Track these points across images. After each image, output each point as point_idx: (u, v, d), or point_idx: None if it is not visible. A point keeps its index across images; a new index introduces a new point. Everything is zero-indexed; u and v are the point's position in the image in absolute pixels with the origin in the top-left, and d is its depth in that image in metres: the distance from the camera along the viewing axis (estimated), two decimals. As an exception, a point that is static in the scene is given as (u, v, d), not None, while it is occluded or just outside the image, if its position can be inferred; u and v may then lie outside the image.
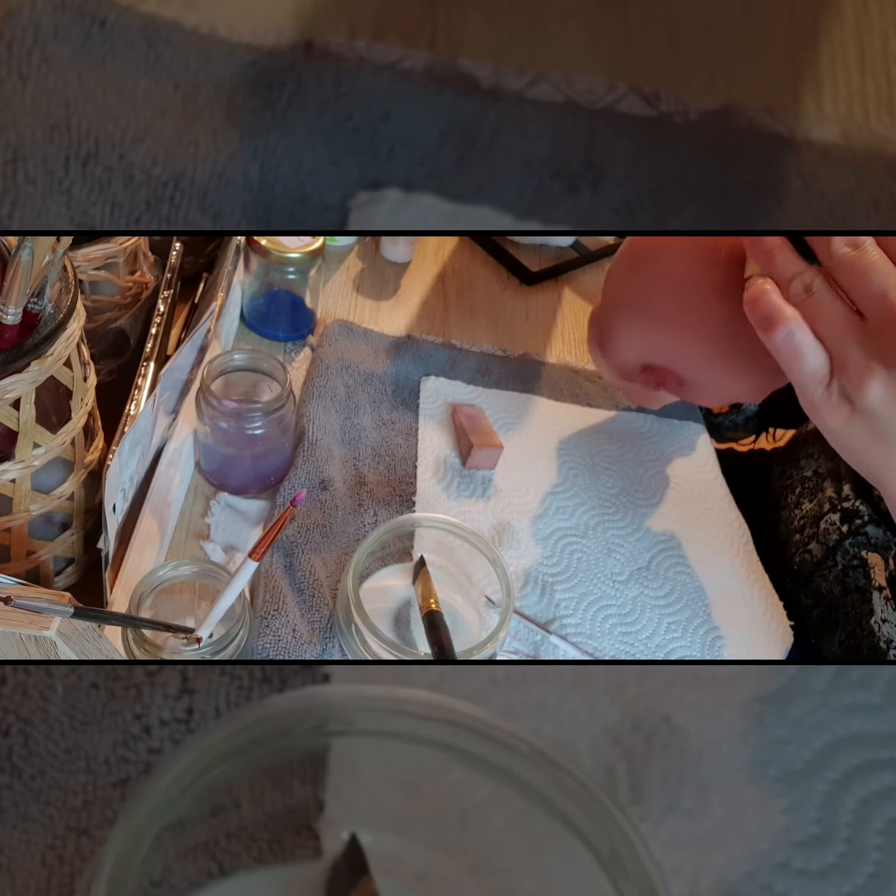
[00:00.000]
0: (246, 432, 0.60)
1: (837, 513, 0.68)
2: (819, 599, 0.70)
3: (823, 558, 0.69)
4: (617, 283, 0.64)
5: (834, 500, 0.69)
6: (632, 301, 0.62)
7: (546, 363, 0.84)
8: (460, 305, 0.89)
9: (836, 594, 0.68)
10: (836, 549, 0.68)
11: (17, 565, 0.52)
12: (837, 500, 0.69)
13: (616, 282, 0.64)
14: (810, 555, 0.70)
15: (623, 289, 0.63)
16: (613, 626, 0.62)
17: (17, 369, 0.44)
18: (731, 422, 0.87)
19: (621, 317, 0.63)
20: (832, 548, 0.68)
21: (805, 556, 0.71)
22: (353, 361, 0.76)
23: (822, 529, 0.69)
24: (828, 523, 0.68)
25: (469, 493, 0.69)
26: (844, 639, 0.68)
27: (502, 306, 0.90)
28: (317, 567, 0.60)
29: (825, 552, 0.69)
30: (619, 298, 0.64)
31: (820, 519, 0.69)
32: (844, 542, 0.67)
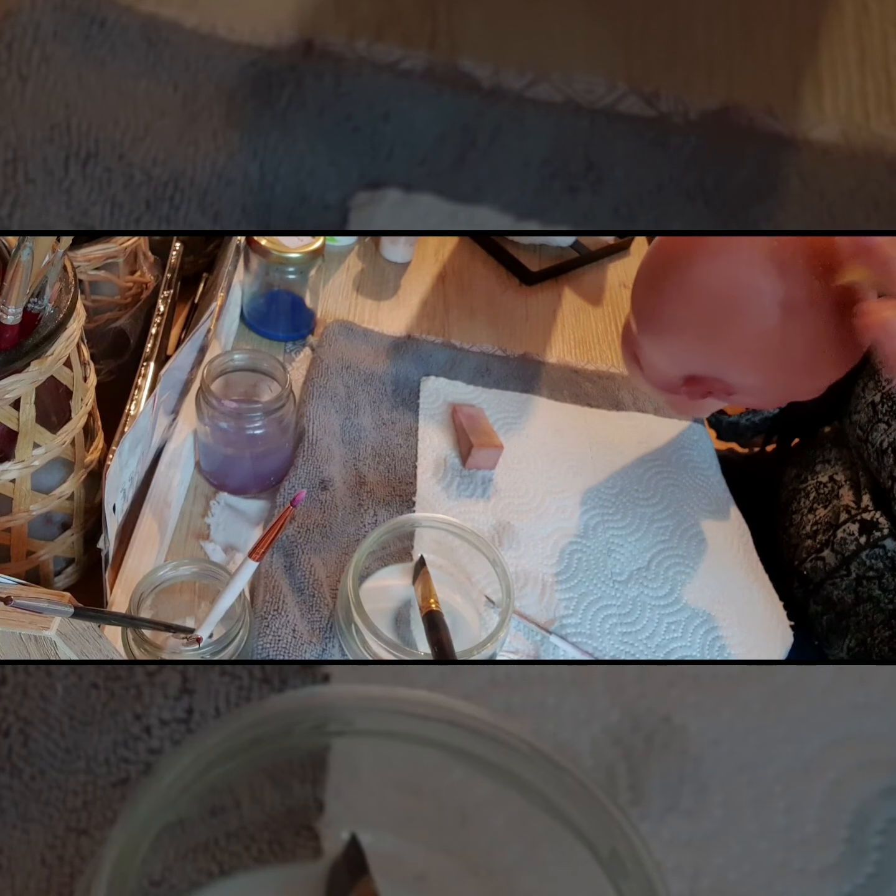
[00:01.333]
0: (246, 432, 0.60)
1: (856, 523, 0.68)
2: (830, 606, 0.70)
3: (837, 567, 0.69)
4: (649, 298, 0.60)
5: (852, 509, 0.69)
6: (670, 315, 0.58)
7: (546, 363, 0.84)
8: (460, 305, 0.89)
9: (849, 603, 0.68)
10: (852, 559, 0.68)
11: (17, 565, 0.52)
12: (856, 510, 0.68)
13: (648, 296, 0.60)
14: (823, 562, 0.70)
15: (658, 304, 0.59)
16: (613, 626, 0.62)
17: (17, 369, 0.44)
18: (747, 420, 0.86)
19: (660, 333, 0.60)
20: (848, 557, 0.68)
21: (817, 562, 0.70)
22: (353, 361, 0.76)
23: (838, 538, 0.69)
24: (845, 533, 0.68)
25: (469, 493, 0.69)
26: (854, 645, 0.68)
27: (502, 306, 0.90)
28: (317, 567, 0.60)
29: (840, 561, 0.68)
30: (654, 313, 0.60)
31: (836, 527, 0.69)
32: (861, 553, 0.67)
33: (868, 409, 0.70)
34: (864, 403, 0.70)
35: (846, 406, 0.74)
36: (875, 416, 0.69)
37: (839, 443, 0.76)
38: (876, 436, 0.68)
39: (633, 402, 0.82)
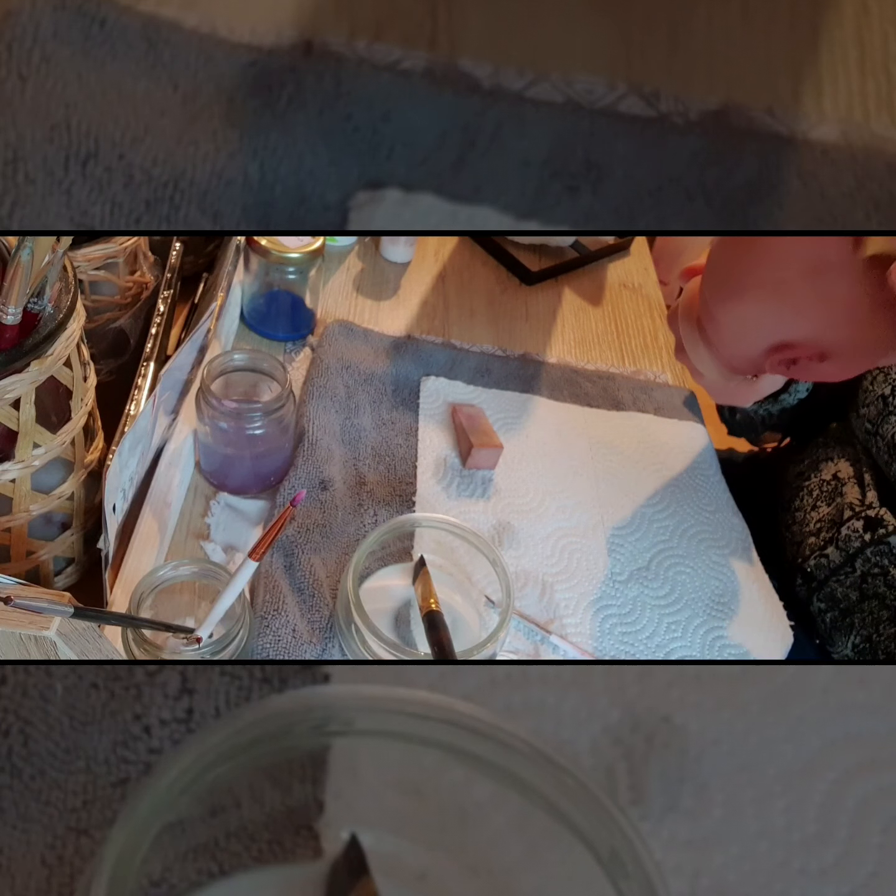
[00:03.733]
0: (246, 432, 0.60)
1: (861, 520, 0.68)
2: (834, 604, 0.70)
3: (842, 564, 0.69)
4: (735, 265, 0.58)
5: (856, 506, 0.69)
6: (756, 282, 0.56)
7: (546, 363, 0.84)
8: (460, 305, 0.89)
9: (853, 600, 0.68)
10: (857, 556, 0.68)
11: (17, 565, 0.52)
12: (861, 508, 0.68)
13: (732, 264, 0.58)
14: (827, 559, 0.70)
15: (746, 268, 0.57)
16: (613, 626, 0.62)
17: (17, 369, 0.44)
18: (765, 411, 0.84)
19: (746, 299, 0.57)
20: (852, 555, 0.68)
21: (821, 559, 0.70)
22: (353, 361, 0.76)
23: (843, 536, 0.68)
24: (850, 530, 0.68)
25: (469, 493, 0.69)
26: (859, 642, 0.68)
27: (502, 306, 0.90)
28: (317, 567, 0.59)
29: (844, 558, 0.68)
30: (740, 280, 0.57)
31: (840, 524, 0.69)
32: (866, 550, 0.67)
33: (878, 402, 0.70)
34: (872, 397, 0.71)
35: (853, 401, 0.74)
36: (886, 409, 0.69)
37: (842, 440, 0.76)
38: (887, 428, 0.68)
39: (633, 402, 0.81)
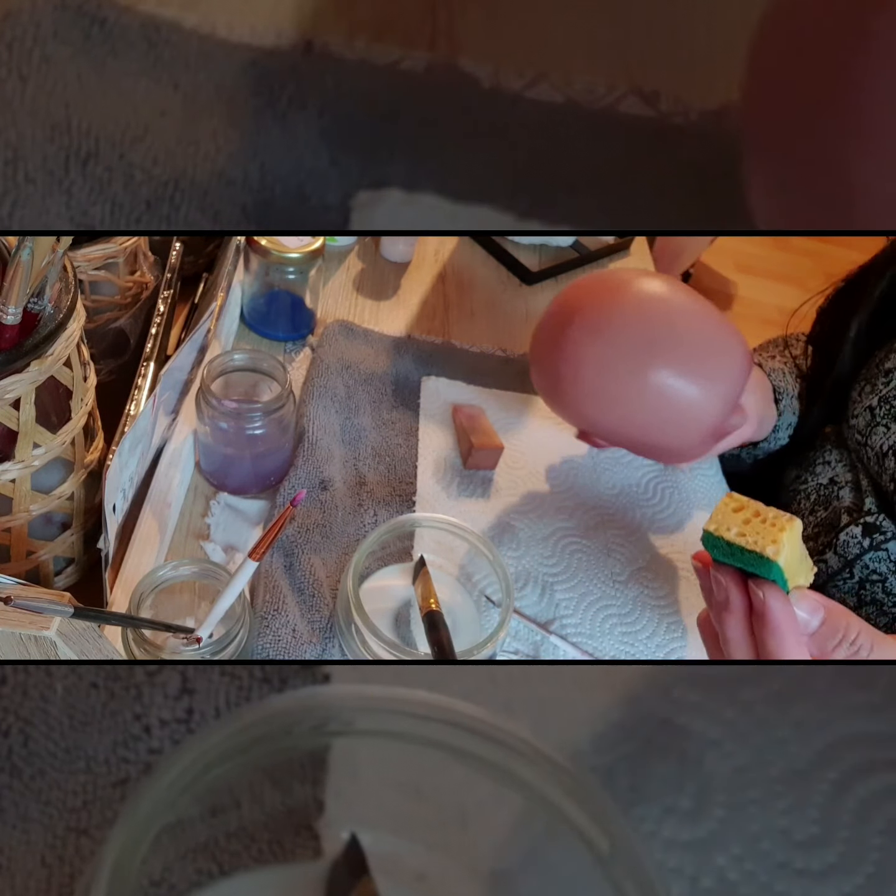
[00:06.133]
0: (246, 432, 0.60)
1: (859, 526, 0.68)
2: None
3: (839, 569, 0.68)
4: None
5: (854, 511, 0.69)
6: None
7: (546, 363, 0.83)
8: (460, 305, 0.89)
9: (851, 606, 0.68)
10: (855, 562, 0.68)
11: (17, 565, 0.52)
12: (858, 513, 0.68)
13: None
14: (825, 564, 0.70)
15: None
16: (613, 626, 0.62)
17: (17, 369, 0.44)
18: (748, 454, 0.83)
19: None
20: (850, 560, 0.68)
21: (819, 565, 0.70)
22: (353, 361, 0.76)
23: (840, 541, 0.68)
24: (848, 535, 0.68)
25: (469, 493, 0.69)
26: None
27: (502, 306, 0.90)
28: (317, 567, 0.59)
29: (842, 564, 0.68)
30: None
31: (838, 529, 0.69)
32: (864, 556, 0.67)
33: (866, 413, 0.70)
34: (861, 408, 0.70)
35: (844, 411, 0.74)
36: (873, 420, 0.69)
37: (839, 444, 0.76)
38: (875, 439, 0.68)
39: (633, 402, 0.81)
